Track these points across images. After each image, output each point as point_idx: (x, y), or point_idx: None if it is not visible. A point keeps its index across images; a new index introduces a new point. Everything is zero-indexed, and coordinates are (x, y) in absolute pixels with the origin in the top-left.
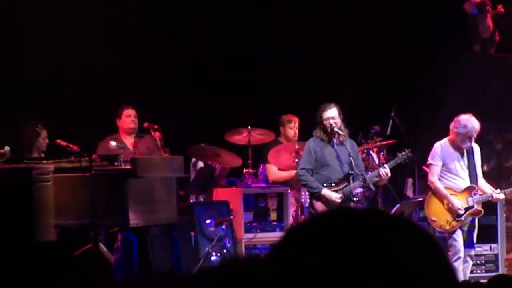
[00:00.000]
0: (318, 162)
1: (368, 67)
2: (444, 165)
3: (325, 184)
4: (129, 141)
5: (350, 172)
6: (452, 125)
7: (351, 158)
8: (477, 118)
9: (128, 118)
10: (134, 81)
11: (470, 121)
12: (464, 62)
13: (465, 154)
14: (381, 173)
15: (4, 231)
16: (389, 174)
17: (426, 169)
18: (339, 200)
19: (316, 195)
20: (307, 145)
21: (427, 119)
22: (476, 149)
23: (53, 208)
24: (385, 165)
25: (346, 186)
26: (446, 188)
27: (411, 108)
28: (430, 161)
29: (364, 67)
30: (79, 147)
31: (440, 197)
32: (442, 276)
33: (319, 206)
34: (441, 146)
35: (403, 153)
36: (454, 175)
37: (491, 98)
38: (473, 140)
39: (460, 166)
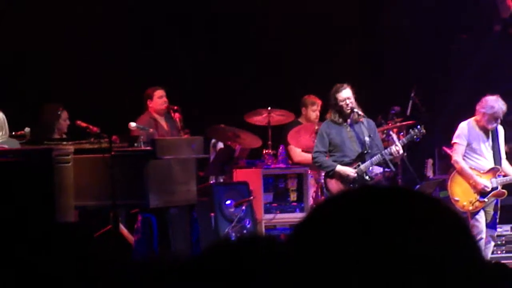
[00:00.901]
0: (332, 144)
1: (388, 48)
2: (468, 145)
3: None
4: (162, 121)
5: (364, 151)
6: (478, 106)
7: (368, 138)
8: None
9: (160, 99)
10: (153, 62)
11: (497, 102)
12: (484, 42)
13: (490, 135)
14: (392, 151)
15: (24, 213)
16: (401, 152)
17: (446, 149)
18: (354, 175)
19: (331, 173)
20: (320, 129)
21: (446, 99)
22: (501, 130)
23: (73, 189)
24: (397, 143)
25: (359, 165)
26: (470, 168)
27: (430, 89)
28: (455, 140)
29: (384, 48)
30: (99, 129)
31: (465, 177)
32: (470, 254)
33: (333, 185)
34: (467, 126)
35: (416, 130)
36: (478, 155)
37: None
38: (499, 121)
39: (485, 147)
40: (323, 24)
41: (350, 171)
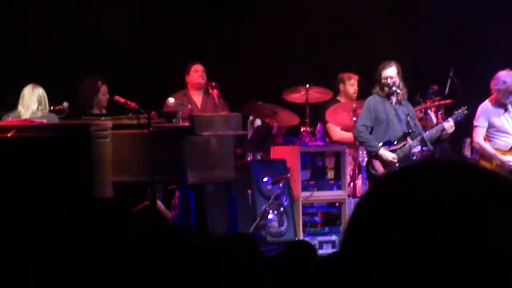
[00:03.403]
0: (377, 120)
1: (427, 26)
2: (491, 125)
3: (383, 143)
4: (197, 97)
5: (408, 131)
6: (492, 83)
7: (409, 118)
8: None
9: (196, 73)
10: (193, 37)
11: (509, 76)
12: None
13: (510, 110)
14: (445, 126)
15: (62, 187)
16: (454, 127)
17: None
18: (395, 161)
19: (373, 154)
20: (367, 103)
21: (484, 79)
22: None
23: (111, 165)
24: (449, 119)
25: (404, 144)
26: (495, 148)
27: (469, 68)
28: (475, 123)
29: (423, 26)
30: (137, 104)
31: (488, 158)
32: None
33: (378, 165)
34: (485, 106)
35: (460, 110)
36: (502, 133)
37: None
38: None
39: (508, 122)
40: (360, 2)
41: (392, 157)
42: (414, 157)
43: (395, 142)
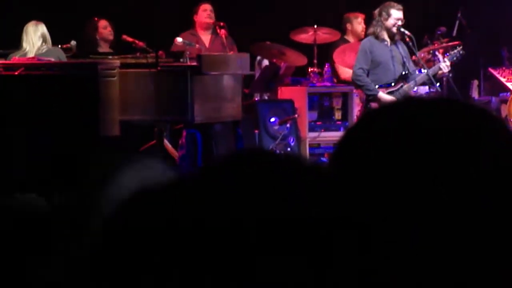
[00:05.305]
0: (373, 62)
1: None
2: None
3: (380, 85)
4: (206, 37)
5: (404, 72)
6: None
7: (405, 59)
8: None
9: (204, 12)
10: None
11: None
12: None
13: None
14: (441, 66)
15: (70, 126)
16: (449, 68)
17: (492, 71)
18: None
19: (371, 98)
20: (362, 45)
21: (492, 20)
22: None
23: (118, 104)
24: (445, 59)
25: (402, 86)
26: None
27: (476, 9)
28: None
29: None
30: (145, 43)
31: None
32: None
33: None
34: None
35: (455, 50)
36: None
37: None
38: None
39: None
40: None
41: (391, 100)
42: None
43: (393, 84)
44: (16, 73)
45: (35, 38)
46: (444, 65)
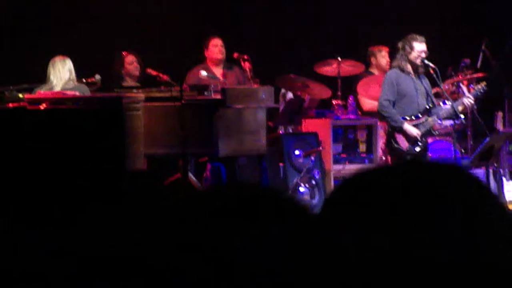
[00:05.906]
0: (399, 94)
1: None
2: None
3: (406, 117)
4: (218, 71)
5: (429, 106)
6: None
7: (428, 92)
8: None
9: (215, 48)
10: (221, 11)
11: None
12: None
13: None
14: (465, 102)
15: (94, 160)
16: (473, 103)
17: None
18: (419, 136)
19: (397, 129)
20: (388, 77)
21: None
22: None
23: (143, 137)
24: (468, 94)
25: (426, 119)
26: None
27: (501, 41)
28: None
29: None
30: (169, 77)
31: None
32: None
33: (401, 139)
34: None
35: (479, 86)
36: None
37: None
38: None
39: None
40: None
41: (417, 133)
42: (437, 132)
43: (417, 117)
44: (42, 107)
45: (63, 72)
46: (467, 101)
